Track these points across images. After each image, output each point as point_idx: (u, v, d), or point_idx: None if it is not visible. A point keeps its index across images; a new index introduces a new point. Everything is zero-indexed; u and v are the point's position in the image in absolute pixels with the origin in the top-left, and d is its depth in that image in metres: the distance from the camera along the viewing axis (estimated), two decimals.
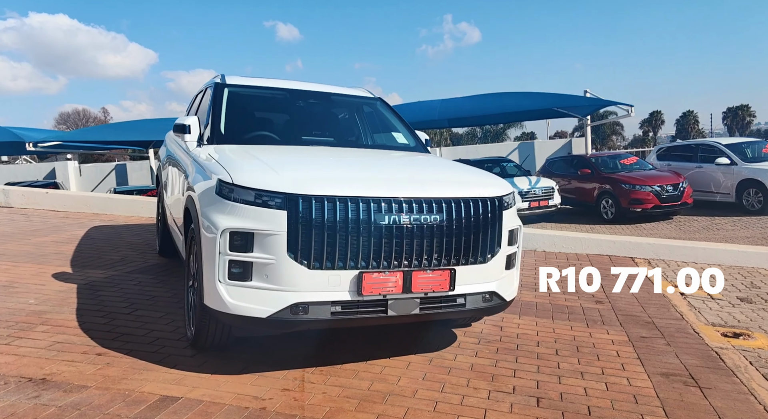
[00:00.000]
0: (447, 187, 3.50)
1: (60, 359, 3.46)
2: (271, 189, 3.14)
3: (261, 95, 4.91)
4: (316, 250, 3.12)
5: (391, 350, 3.88)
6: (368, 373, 3.49)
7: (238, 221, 3.15)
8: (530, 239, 7.70)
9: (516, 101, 17.39)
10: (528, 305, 5.13)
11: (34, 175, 25.70)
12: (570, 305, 5.19)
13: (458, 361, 3.76)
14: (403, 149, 4.88)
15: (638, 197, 14.93)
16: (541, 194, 15.51)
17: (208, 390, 3.13)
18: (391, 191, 3.28)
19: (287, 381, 3.31)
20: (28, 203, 9.76)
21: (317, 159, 3.95)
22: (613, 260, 7.27)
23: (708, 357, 4.02)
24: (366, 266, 3.20)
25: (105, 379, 3.21)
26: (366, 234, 3.18)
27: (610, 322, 4.74)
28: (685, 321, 4.84)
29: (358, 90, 5.39)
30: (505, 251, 3.69)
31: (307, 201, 3.11)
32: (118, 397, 3.00)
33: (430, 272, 3.33)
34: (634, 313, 5.03)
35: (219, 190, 3.29)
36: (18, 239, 7.13)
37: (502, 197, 3.64)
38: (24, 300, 4.58)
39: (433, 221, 3.33)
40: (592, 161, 16.90)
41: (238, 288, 3.16)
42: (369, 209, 3.19)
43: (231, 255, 3.14)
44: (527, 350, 4.02)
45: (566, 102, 17.22)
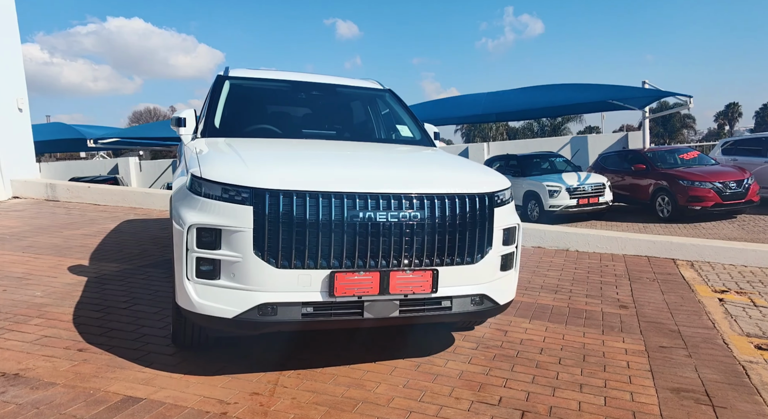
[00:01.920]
0: (432, 183, 3.26)
1: (40, 354, 3.45)
2: (237, 183, 3.00)
3: (262, 87, 4.79)
4: (284, 248, 2.96)
5: (379, 353, 3.68)
6: (347, 378, 3.31)
7: (206, 216, 3.02)
8: (562, 238, 7.30)
9: (567, 94, 16.73)
10: (542, 309, 4.81)
11: (98, 170, 26.86)
12: (590, 310, 4.83)
13: (448, 367, 3.52)
14: (407, 143, 4.66)
15: (697, 195, 14.05)
16: (591, 191, 14.85)
17: (175, 392, 3.03)
18: (368, 187, 3.08)
19: (260, 385, 3.18)
20: (71, 197, 10.10)
21: (304, 153, 3.79)
22: (652, 261, 6.79)
23: (732, 372, 3.62)
24: (338, 266, 3.02)
25: (76, 377, 3.16)
26: (338, 232, 3.00)
27: (630, 329, 4.37)
28: (716, 330, 4.41)
29: (367, 82, 5.20)
30: (498, 252, 3.43)
31: (274, 196, 2.96)
32: (82, 396, 2.94)
33: (409, 272, 3.11)
34: (660, 320, 4.63)
35: (190, 184, 3.18)
36: (51, 231, 7.34)
37: (493, 194, 3.37)
38: (31, 293, 4.65)
39: (413, 219, 3.11)
40: (647, 155, 16.03)
41: (206, 287, 3.04)
42: (342, 205, 3.01)
43: (198, 252, 3.02)
44: (527, 357, 3.74)
45: (620, 94, 16.42)
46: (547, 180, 15.17)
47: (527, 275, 5.93)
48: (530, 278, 5.81)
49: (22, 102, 10.78)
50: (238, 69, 4.85)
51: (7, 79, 10.54)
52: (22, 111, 10.85)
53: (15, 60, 10.76)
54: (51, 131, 22.86)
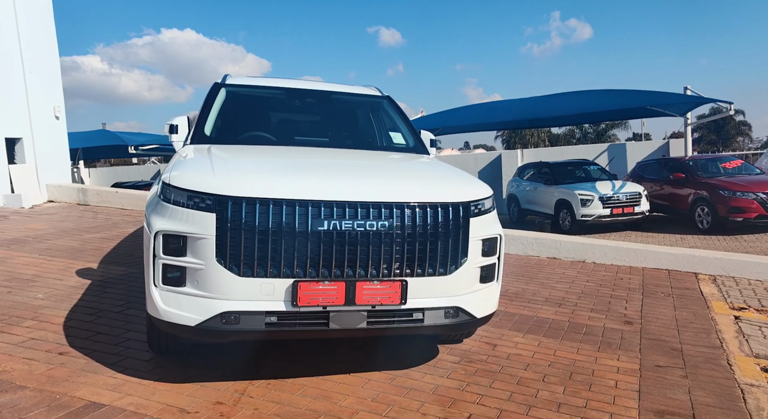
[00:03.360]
0: (404, 191, 3.18)
1: (22, 356, 3.52)
2: (201, 190, 3.00)
3: (258, 95, 4.80)
4: (247, 256, 2.93)
5: (357, 364, 3.61)
6: (316, 389, 3.26)
7: (172, 223, 3.03)
8: (578, 249, 7.07)
9: (603, 100, 16.26)
10: (540, 322, 4.64)
11: (142, 176, 27.63)
12: (591, 325, 4.64)
13: (423, 381, 3.42)
14: (400, 150, 4.59)
15: (739, 205, 13.44)
16: (626, 200, 14.39)
17: (139, 399, 3.04)
18: (334, 195, 3.03)
19: (226, 394, 3.15)
20: (101, 202, 10.40)
21: (284, 161, 3.77)
22: (672, 275, 6.50)
23: (728, 395, 3.40)
24: (302, 275, 2.98)
25: (48, 380, 3.21)
26: (301, 240, 2.95)
27: (628, 346, 4.17)
28: (722, 350, 4.17)
29: (365, 89, 5.16)
30: (476, 263, 3.32)
31: (237, 203, 2.94)
32: (47, 401, 2.97)
33: (377, 283, 3.04)
34: (664, 337, 4.40)
35: (160, 191, 3.20)
36: (72, 234, 7.56)
37: (468, 203, 3.27)
38: (33, 295, 4.78)
39: (381, 228, 3.04)
40: (687, 164, 15.45)
41: (171, 294, 3.04)
42: (306, 213, 2.96)
43: (165, 259, 3.03)
44: (509, 373, 3.60)
45: (659, 100, 15.88)
46: (579, 188, 14.79)
47: (534, 287, 5.75)
48: (536, 291, 5.64)
49: (59, 110, 11.18)
50: (236, 76, 4.88)
51: (46, 90, 10.97)
52: (59, 119, 11.26)
53: (53, 72, 11.19)
54: (97, 137, 23.65)
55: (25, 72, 10.54)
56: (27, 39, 10.59)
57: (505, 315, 4.79)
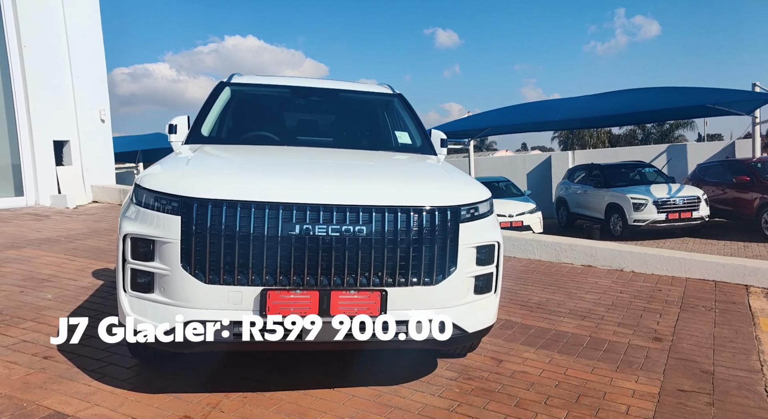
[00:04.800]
0: (386, 194, 2.93)
1: (6, 359, 3.48)
2: (167, 192, 2.85)
3: (262, 94, 4.66)
4: (213, 261, 2.76)
5: (343, 378, 3.38)
6: (293, 405, 3.05)
7: (140, 226, 2.90)
8: (615, 257, 6.60)
9: (661, 98, 15.38)
10: (558, 336, 4.28)
11: None
12: (614, 341, 4.24)
13: (410, 399, 3.16)
14: (405, 150, 4.33)
15: None
16: (683, 205, 13.59)
17: (105, 410, 2.92)
18: (309, 197, 2.81)
19: (197, 407, 2.99)
20: None
21: (272, 161, 3.59)
22: (719, 287, 5.95)
23: None
24: (273, 283, 2.78)
25: (21, 386, 3.14)
26: (271, 245, 2.75)
27: (651, 367, 3.76)
28: (761, 375, 3.70)
29: (376, 86, 4.93)
30: (468, 272, 3.04)
31: (203, 206, 2.77)
32: (12, 408, 2.89)
33: (354, 292, 2.81)
34: (695, 357, 3.96)
35: (132, 193, 3.08)
36: (103, 235, 7.67)
37: (458, 207, 2.99)
38: (42, 295, 4.79)
39: (358, 233, 2.80)
40: (754, 166, 14.43)
41: (139, 300, 2.91)
42: (277, 216, 2.76)
43: (133, 264, 2.90)
44: (509, 393, 3.28)
45: (723, 97, 14.89)
46: (631, 192, 14.08)
47: (559, 297, 5.37)
48: (561, 301, 5.25)
49: (105, 114, 11.49)
50: (243, 75, 4.74)
51: (92, 94, 11.31)
52: (104, 122, 11.57)
53: (99, 77, 11.55)
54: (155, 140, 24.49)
55: (72, 78, 10.87)
56: (75, 46, 10.93)
57: (520, 328, 4.45)
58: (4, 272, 5.57)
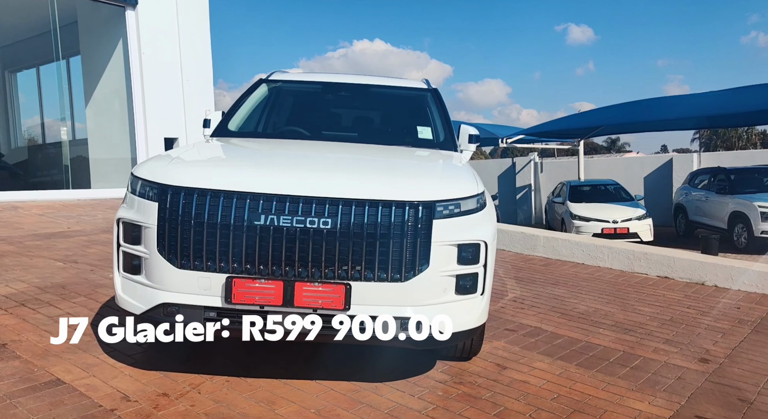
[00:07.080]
0: (359, 188, 2.89)
1: (44, 328, 3.85)
2: (150, 179, 3.02)
3: (294, 90, 4.76)
4: (184, 247, 2.88)
5: (331, 371, 3.37)
6: (268, 393, 3.09)
7: (129, 212, 3.10)
8: (696, 269, 5.96)
9: None
10: (585, 349, 3.95)
11: None
12: (649, 358, 3.83)
13: (386, 398, 3.08)
14: (427, 146, 4.21)
15: None
16: None
17: (97, 381, 3.14)
18: (277, 188, 2.85)
19: (179, 386, 3.13)
20: None
21: (273, 154, 3.66)
22: None
23: None
24: (239, 270, 2.84)
25: (42, 352, 3.46)
26: (237, 234, 2.82)
27: (679, 389, 3.36)
28: None
29: (412, 82, 4.85)
30: (445, 271, 2.92)
31: (176, 193, 2.90)
32: (24, 372, 3.20)
33: (318, 284, 2.81)
34: (740, 384, 3.47)
35: (128, 180, 3.29)
36: None
37: (432, 203, 2.87)
38: (107, 275, 5.24)
39: (323, 225, 2.79)
40: None
41: (129, 282, 3.11)
42: (243, 206, 2.83)
43: (124, 247, 3.11)
44: (495, 401, 3.09)
45: None
46: (760, 200, 12.60)
47: (611, 309, 4.95)
48: (611, 313, 4.83)
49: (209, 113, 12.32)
50: (284, 72, 4.88)
51: (199, 95, 12.22)
52: None
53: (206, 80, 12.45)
54: None
55: (183, 80, 11.81)
56: (186, 52, 11.87)
57: (547, 337, 4.16)
58: (87, 253, 6.19)
